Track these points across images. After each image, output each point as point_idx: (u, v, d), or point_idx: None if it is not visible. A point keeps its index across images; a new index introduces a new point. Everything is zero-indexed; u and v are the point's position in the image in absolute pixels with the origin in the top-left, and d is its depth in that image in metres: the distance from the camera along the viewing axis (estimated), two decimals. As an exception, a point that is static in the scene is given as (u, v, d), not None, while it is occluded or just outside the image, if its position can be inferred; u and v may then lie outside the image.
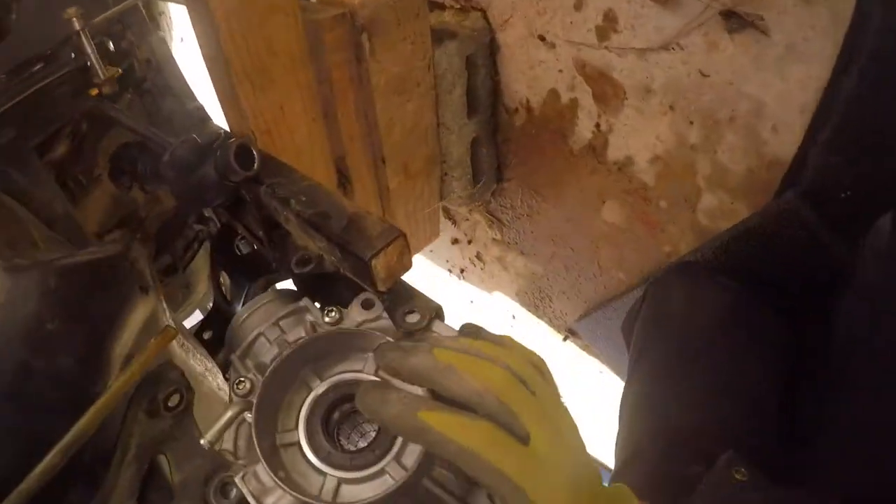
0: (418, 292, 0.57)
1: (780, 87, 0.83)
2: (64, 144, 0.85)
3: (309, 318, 0.58)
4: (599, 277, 1.18)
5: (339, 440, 0.50)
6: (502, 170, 1.26)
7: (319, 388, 0.50)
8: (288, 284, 0.81)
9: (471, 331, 0.44)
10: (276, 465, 0.46)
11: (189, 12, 0.97)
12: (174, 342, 0.65)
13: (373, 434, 0.50)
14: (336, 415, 0.51)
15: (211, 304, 0.99)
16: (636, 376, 0.88)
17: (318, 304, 0.60)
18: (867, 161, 0.79)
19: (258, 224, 0.75)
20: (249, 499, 0.46)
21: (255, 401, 0.48)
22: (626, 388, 0.90)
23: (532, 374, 0.37)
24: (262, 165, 0.69)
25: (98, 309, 0.57)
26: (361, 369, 0.51)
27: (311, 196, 0.65)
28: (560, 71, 1.06)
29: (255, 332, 0.59)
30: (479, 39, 1.10)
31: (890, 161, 0.77)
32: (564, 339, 1.30)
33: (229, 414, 0.48)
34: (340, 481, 0.46)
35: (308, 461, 0.47)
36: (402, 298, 0.57)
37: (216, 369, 0.76)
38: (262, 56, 0.97)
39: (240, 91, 0.97)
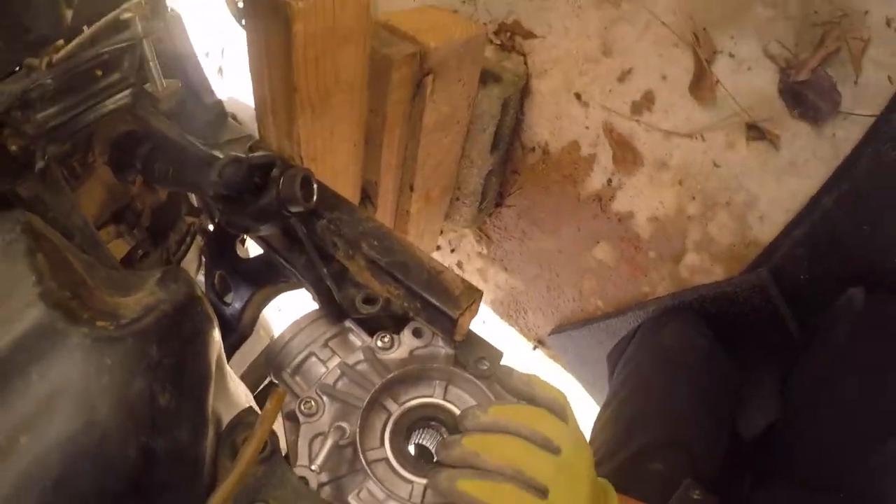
0: (481, 339, 0.64)
1: (774, 191, 1.05)
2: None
3: (357, 341, 0.66)
4: (578, 302, 1.36)
5: (417, 454, 0.58)
6: (504, 196, 1.35)
7: (398, 411, 0.58)
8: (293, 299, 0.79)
9: (506, 374, 0.56)
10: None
11: (249, 34, 0.89)
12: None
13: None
14: (413, 433, 0.59)
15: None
16: (627, 387, 1.07)
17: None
18: (825, 258, 1.05)
19: (293, 251, 0.74)
20: None
21: (357, 428, 0.54)
22: (612, 395, 1.09)
23: (552, 426, 0.49)
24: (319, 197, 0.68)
25: (193, 364, 0.52)
26: (432, 394, 0.60)
27: (382, 241, 0.66)
28: (587, 127, 1.17)
29: (305, 352, 0.64)
30: (518, 84, 1.15)
31: (840, 264, 1.03)
32: (534, 349, 1.47)
33: (330, 442, 0.53)
34: (426, 487, 0.53)
35: (397, 473, 0.54)
36: (470, 343, 0.63)
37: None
38: (328, 84, 0.94)
39: (300, 118, 0.94)
